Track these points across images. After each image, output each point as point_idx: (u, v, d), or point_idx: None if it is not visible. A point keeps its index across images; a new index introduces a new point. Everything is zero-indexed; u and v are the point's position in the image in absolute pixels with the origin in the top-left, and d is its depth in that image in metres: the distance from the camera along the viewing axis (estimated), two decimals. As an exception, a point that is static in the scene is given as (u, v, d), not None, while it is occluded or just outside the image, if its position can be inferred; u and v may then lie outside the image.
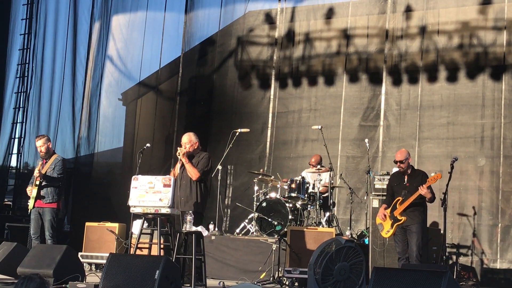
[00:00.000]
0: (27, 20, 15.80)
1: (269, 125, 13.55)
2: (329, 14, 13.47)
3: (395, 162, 8.92)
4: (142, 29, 14.90)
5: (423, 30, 12.45)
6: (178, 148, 8.53)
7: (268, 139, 13.50)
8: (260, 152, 13.55)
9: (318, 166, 10.99)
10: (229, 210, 13.17)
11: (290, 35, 13.75)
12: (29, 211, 9.37)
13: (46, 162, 9.44)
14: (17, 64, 15.70)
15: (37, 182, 9.24)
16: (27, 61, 15.60)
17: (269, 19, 14.09)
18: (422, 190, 8.49)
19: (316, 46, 13.46)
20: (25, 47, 15.70)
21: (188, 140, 8.65)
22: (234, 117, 13.83)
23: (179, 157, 8.43)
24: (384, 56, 12.68)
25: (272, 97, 13.65)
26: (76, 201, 14.29)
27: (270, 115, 13.59)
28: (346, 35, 13.16)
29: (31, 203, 9.29)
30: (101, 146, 14.78)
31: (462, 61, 12.12)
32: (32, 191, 9.27)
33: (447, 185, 8.65)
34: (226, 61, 14.40)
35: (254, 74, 14.01)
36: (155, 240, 8.14)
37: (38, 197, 9.23)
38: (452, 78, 12.14)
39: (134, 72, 15.00)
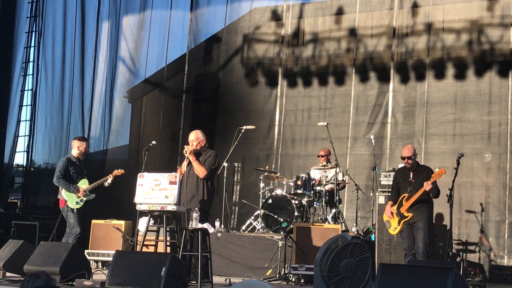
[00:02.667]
0: (32, 18, 15.82)
1: (276, 123, 13.54)
2: (337, 11, 13.43)
3: (403, 158, 8.87)
4: (150, 28, 14.94)
5: (429, 27, 12.41)
6: (185, 146, 8.52)
7: (276, 137, 13.49)
8: (267, 149, 13.56)
9: (324, 163, 10.97)
10: (236, 208, 13.17)
11: (297, 33, 13.73)
12: (75, 210, 9.51)
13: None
14: (22, 62, 15.73)
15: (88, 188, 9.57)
16: (32, 59, 15.63)
17: (275, 16, 14.07)
18: (428, 186, 8.47)
19: (324, 44, 13.44)
20: (30, 45, 15.72)
21: (195, 138, 8.63)
22: (240, 114, 13.83)
23: (186, 155, 8.42)
24: (392, 53, 12.65)
25: (279, 94, 13.64)
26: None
27: (277, 112, 13.58)
28: (354, 33, 13.13)
29: (80, 204, 9.50)
30: (109, 144, 14.83)
31: (468, 57, 12.07)
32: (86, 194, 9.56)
33: (453, 181, 8.63)
34: (232, 58, 14.40)
35: (261, 71, 14.00)
36: (161, 238, 8.15)
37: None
38: (458, 74, 12.10)
39: (142, 71, 15.05)
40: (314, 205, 10.76)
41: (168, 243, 8.00)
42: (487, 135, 11.70)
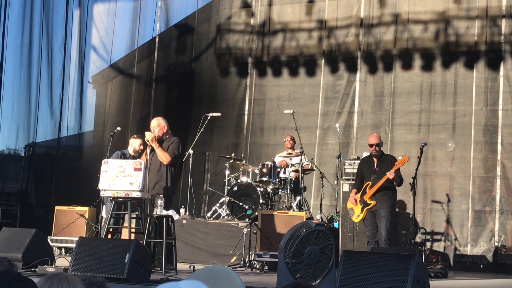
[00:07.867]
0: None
1: (246, 112, 13.53)
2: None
3: (370, 145, 8.95)
4: (121, 16, 14.85)
5: (396, 18, 12.46)
6: (146, 132, 8.48)
7: (245, 126, 13.48)
8: (238, 138, 13.54)
9: (290, 151, 11.00)
10: (207, 196, 13.15)
11: (266, 22, 13.68)
12: None
13: None
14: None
15: None
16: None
17: (245, 3, 14.01)
18: (391, 175, 8.56)
19: (293, 33, 13.40)
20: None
21: (157, 124, 8.60)
22: (212, 103, 13.76)
23: (148, 142, 8.39)
24: (359, 44, 12.69)
25: (248, 83, 13.62)
26: (44, 185, 14.22)
27: (247, 101, 13.57)
28: (322, 22, 13.13)
29: None
30: (78, 130, 14.72)
31: (435, 48, 12.17)
32: None
33: (416, 169, 8.75)
34: (204, 48, 14.31)
35: (231, 61, 13.95)
36: (125, 224, 8.12)
37: None
38: (425, 65, 12.19)
39: (109, 57, 14.91)
40: (279, 193, 10.79)
41: (132, 230, 7.98)
42: (451, 125, 11.83)
